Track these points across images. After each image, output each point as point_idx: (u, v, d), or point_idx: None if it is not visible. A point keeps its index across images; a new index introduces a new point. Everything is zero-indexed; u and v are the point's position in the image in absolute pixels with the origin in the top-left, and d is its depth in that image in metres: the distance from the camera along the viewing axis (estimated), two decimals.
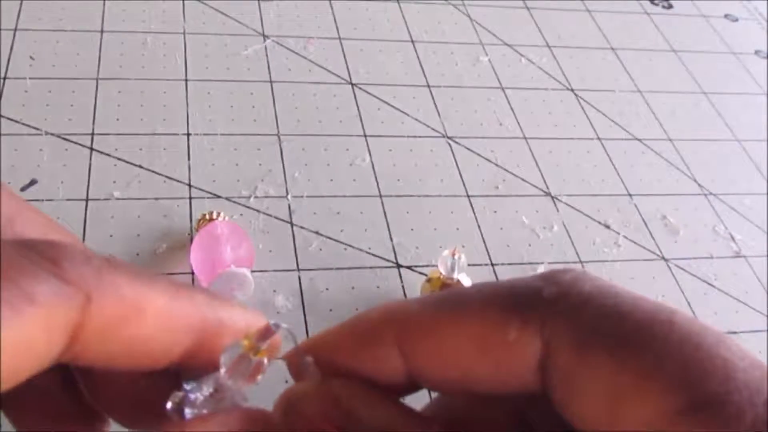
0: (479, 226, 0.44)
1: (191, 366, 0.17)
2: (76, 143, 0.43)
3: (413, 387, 0.18)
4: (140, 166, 0.42)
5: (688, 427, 0.14)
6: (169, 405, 0.19)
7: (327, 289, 0.39)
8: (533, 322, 0.16)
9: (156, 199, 0.41)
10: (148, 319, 0.15)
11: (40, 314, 0.13)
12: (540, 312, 0.16)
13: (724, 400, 0.14)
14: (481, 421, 0.18)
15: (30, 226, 0.18)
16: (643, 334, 0.15)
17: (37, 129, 0.43)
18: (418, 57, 0.55)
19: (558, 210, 0.47)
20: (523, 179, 0.48)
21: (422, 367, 0.17)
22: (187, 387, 0.21)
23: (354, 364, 0.17)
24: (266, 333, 0.17)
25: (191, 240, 0.39)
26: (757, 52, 0.64)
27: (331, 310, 0.38)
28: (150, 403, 0.18)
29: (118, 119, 0.45)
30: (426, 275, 0.39)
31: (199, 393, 0.20)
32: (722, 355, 0.14)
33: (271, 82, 0.50)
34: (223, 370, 0.18)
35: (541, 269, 0.43)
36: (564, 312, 0.16)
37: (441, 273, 0.38)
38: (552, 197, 0.47)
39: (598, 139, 0.52)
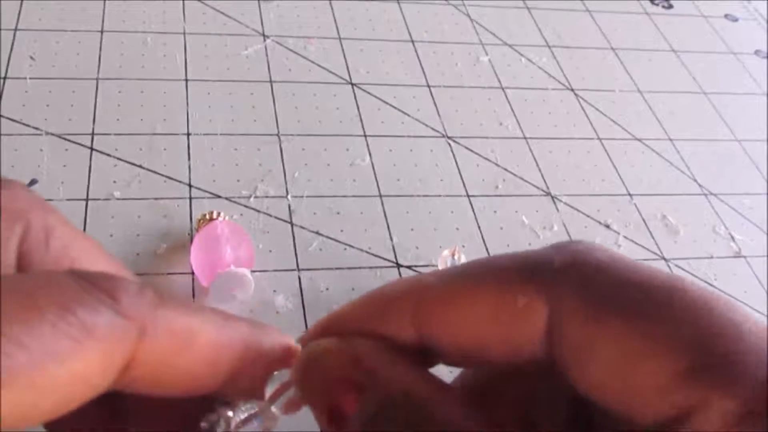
0: (479, 226, 0.44)
1: (230, 390, 0.18)
2: (76, 143, 0.43)
3: (429, 361, 0.18)
4: (140, 166, 0.42)
5: (698, 386, 0.14)
6: (203, 425, 0.19)
7: (327, 289, 0.39)
8: (542, 291, 0.16)
9: (156, 199, 0.41)
10: (197, 350, 0.16)
11: (99, 348, 0.14)
12: (550, 280, 0.16)
13: (733, 360, 0.14)
14: (498, 398, 0.19)
15: (84, 254, 0.18)
16: (653, 300, 0.15)
17: (37, 129, 0.43)
18: (418, 57, 0.55)
19: (558, 210, 0.47)
20: (523, 179, 0.48)
21: (437, 339, 0.17)
22: (224, 411, 0.21)
23: (371, 337, 0.17)
24: None
25: (191, 240, 0.39)
26: (757, 52, 0.64)
27: (331, 310, 0.38)
28: (185, 424, 0.19)
29: (118, 119, 0.45)
30: None
31: (236, 416, 0.21)
32: (732, 319, 0.15)
33: (271, 82, 0.50)
34: (268, 395, 0.19)
35: None
36: (575, 280, 0.16)
37: None
38: (552, 197, 0.47)
39: (598, 139, 0.52)
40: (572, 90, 0.56)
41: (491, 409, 0.19)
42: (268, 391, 0.21)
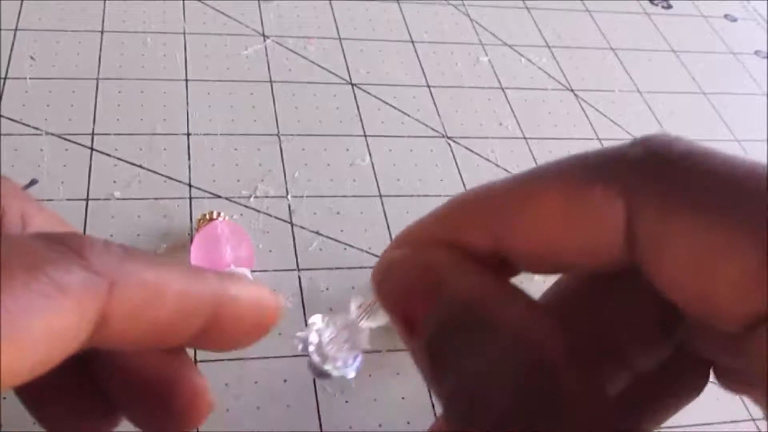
0: None
1: (205, 343, 0.18)
2: (76, 143, 0.43)
3: (509, 270, 0.17)
4: (140, 166, 0.42)
5: None
6: (296, 341, 0.22)
7: (327, 289, 0.39)
8: (617, 186, 0.15)
9: (156, 199, 0.41)
10: (167, 300, 0.16)
11: (72, 302, 0.14)
12: (624, 174, 0.15)
13: None
14: (583, 321, 0.18)
15: (45, 222, 0.19)
16: (732, 190, 0.14)
17: (37, 129, 0.43)
18: (418, 57, 0.55)
19: None
20: None
21: (511, 246, 0.17)
22: (315, 327, 0.25)
23: (446, 246, 0.17)
24: None
25: (191, 240, 0.39)
26: (757, 52, 0.65)
27: (331, 310, 0.38)
28: (163, 397, 0.19)
29: (118, 119, 0.45)
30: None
31: (327, 331, 0.26)
32: None
33: (271, 82, 0.50)
34: (353, 313, 0.21)
35: None
36: (649, 173, 0.15)
37: None
38: None
39: (598, 139, 0.52)
40: (572, 90, 0.56)
41: (576, 331, 0.18)
42: (353, 306, 0.23)
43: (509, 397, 0.14)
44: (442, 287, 0.16)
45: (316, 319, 0.27)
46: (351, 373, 0.28)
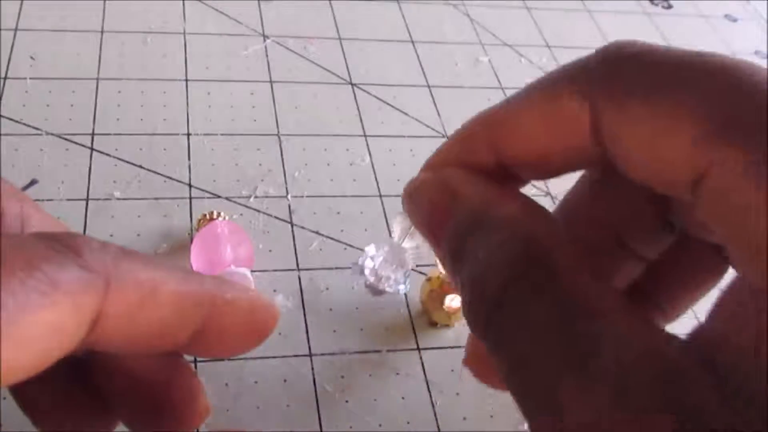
0: None
1: (200, 348, 0.18)
2: (76, 143, 0.43)
3: (516, 182, 0.20)
4: (140, 166, 0.42)
5: (716, 145, 0.14)
6: (352, 268, 0.28)
7: (327, 288, 0.39)
8: (580, 90, 0.17)
9: (156, 199, 0.41)
10: (162, 301, 0.16)
11: (67, 299, 0.14)
12: (585, 79, 0.17)
13: (749, 119, 0.14)
14: (588, 223, 0.21)
15: (43, 223, 0.20)
16: (673, 76, 0.16)
17: (37, 129, 0.43)
18: (418, 57, 0.55)
19: None
20: None
21: (509, 156, 0.19)
22: (370, 254, 0.29)
23: (460, 166, 0.20)
24: None
25: (191, 240, 0.39)
26: (757, 52, 0.64)
27: (331, 310, 0.38)
28: (160, 401, 0.19)
29: (118, 119, 0.45)
30: (426, 275, 0.39)
31: (377, 259, 0.30)
32: (754, 81, 0.15)
33: (271, 82, 0.50)
34: (396, 236, 0.24)
35: None
36: (606, 73, 0.17)
37: (441, 272, 0.38)
38: (552, 197, 0.47)
39: None
40: None
41: (583, 231, 0.20)
42: (396, 230, 0.27)
43: (503, 277, 0.16)
44: (456, 199, 0.18)
45: (370, 248, 0.31)
46: (403, 289, 0.33)
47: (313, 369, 0.35)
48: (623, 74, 0.16)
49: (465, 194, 0.18)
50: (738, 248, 0.14)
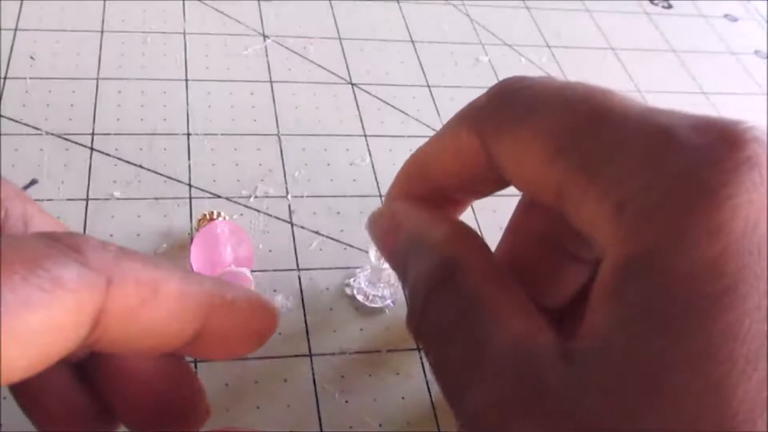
0: (479, 226, 0.44)
1: (202, 349, 0.18)
2: (76, 143, 0.43)
3: (461, 203, 0.24)
4: (140, 166, 0.42)
5: (565, 164, 0.17)
6: (347, 290, 0.36)
7: (327, 288, 0.39)
8: (473, 128, 0.20)
9: (156, 199, 0.41)
10: (163, 300, 0.16)
11: (68, 297, 0.14)
12: (476, 117, 0.20)
13: (599, 142, 0.17)
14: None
15: (45, 223, 0.20)
16: (539, 106, 0.18)
17: (37, 129, 0.43)
18: (418, 57, 0.55)
19: None
20: None
21: (439, 187, 0.22)
22: (361, 273, 0.37)
23: (407, 197, 0.23)
24: None
25: (191, 240, 0.39)
26: (757, 52, 0.65)
27: (331, 310, 0.38)
28: (161, 403, 0.19)
29: (118, 119, 0.45)
30: None
31: (360, 280, 0.37)
32: (604, 105, 0.18)
33: (271, 82, 0.50)
34: (373, 258, 0.30)
35: None
36: (491, 111, 0.19)
37: None
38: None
39: None
40: None
41: (528, 244, 0.23)
42: (371, 252, 0.36)
43: (426, 290, 0.19)
44: (399, 228, 0.21)
45: (362, 269, 0.38)
46: (390, 304, 0.38)
47: (313, 369, 0.35)
48: (504, 109, 0.19)
49: (404, 224, 0.21)
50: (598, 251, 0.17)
